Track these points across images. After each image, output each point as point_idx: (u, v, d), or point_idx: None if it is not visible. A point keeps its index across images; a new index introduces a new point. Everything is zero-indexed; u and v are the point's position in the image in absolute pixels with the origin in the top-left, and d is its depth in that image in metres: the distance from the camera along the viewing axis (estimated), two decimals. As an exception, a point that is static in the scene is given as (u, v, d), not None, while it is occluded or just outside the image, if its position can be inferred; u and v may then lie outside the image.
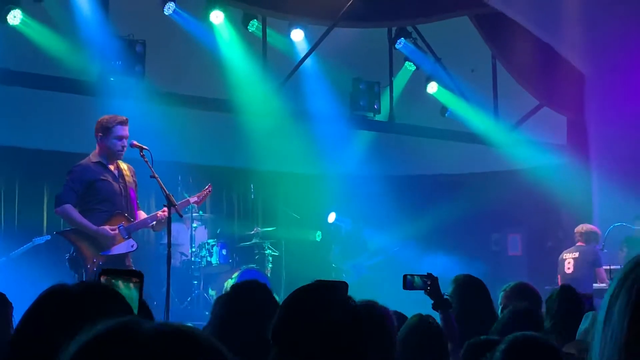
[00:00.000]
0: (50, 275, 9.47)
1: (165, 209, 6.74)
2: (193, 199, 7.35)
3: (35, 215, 11.07)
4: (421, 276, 4.59)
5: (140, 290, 1.99)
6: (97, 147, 6.96)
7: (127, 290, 2.01)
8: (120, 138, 6.88)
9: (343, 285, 2.67)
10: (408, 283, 4.59)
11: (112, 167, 6.94)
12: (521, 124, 12.68)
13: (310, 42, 11.18)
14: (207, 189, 7.43)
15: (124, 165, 7.08)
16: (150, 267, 10.45)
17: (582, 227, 10.10)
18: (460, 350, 4.05)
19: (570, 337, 4.30)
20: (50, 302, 1.93)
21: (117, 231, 6.82)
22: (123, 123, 6.90)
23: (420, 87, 12.30)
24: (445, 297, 4.65)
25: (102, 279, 2.03)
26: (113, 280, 2.02)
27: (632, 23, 11.69)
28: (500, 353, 2.75)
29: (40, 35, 9.21)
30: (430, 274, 4.61)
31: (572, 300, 4.74)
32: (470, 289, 5.05)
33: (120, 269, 2.01)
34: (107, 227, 6.79)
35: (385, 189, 13.20)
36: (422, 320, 3.96)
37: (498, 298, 5.35)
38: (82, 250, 6.74)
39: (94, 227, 6.75)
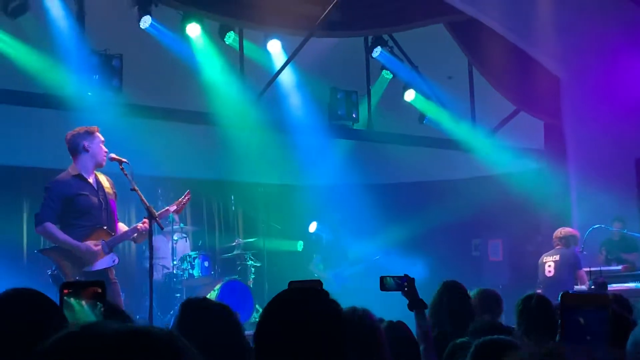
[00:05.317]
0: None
1: (146, 220, 6.74)
2: (172, 208, 7.31)
3: (15, 233, 11.01)
4: (398, 277, 4.69)
5: (100, 298, 2.03)
6: (75, 160, 6.90)
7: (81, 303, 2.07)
8: (103, 142, 6.91)
9: (316, 284, 2.72)
10: (385, 284, 4.68)
11: (90, 180, 6.90)
12: (499, 129, 12.76)
13: (287, 53, 11.21)
14: (185, 196, 7.40)
15: (102, 177, 7.03)
16: (133, 280, 10.43)
17: (560, 232, 10.16)
18: (433, 351, 4.13)
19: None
20: None
21: (99, 246, 6.78)
22: (99, 130, 6.95)
23: (397, 95, 12.35)
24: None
25: (66, 293, 2.08)
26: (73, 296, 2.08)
27: (604, 26, 11.82)
28: (469, 356, 2.84)
29: (17, 51, 9.19)
30: (407, 275, 4.71)
31: (548, 311, 4.85)
32: (455, 292, 5.24)
33: (82, 281, 2.10)
34: (89, 243, 6.75)
35: (365, 198, 13.23)
36: (392, 326, 4.01)
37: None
38: (63, 269, 6.67)
39: (77, 243, 6.69)
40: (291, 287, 2.71)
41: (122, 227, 7.19)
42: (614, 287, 9.09)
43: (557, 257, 9.93)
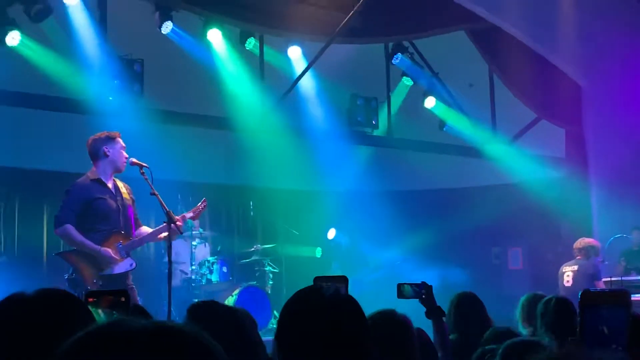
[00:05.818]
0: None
1: (180, 219, 6.77)
2: (189, 215, 7.30)
3: (35, 236, 11.06)
4: (416, 285, 4.64)
5: (124, 307, 2.06)
6: (95, 165, 6.93)
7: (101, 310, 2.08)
8: (124, 148, 6.93)
9: (342, 280, 2.71)
10: (403, 292, 4.63)
11: (109, 185, 6.92)
12: (519, 137, 12.70)
13: (308, 59, 11.22)
14: (202, 203, 7.39)
15: (120, 183, 7.06)
16: (151, 285, 10.44)
17: (579, 242, 10.07)
18: (450, 358, 4.13)
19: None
20: (8, 310, 1.95)
21: (117, 250, 6.79)
22: (120, 136, 6.97)
23: (417, 102, 12.32)
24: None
25: (90, 302, 2.09)
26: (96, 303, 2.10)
27: (626, 34, 11.75)
28: (498, 356, 2.88)
29: (39, 55, 9.23)
30: (425, 282, 4.67)
31: (568, 313, 4.85)
32: (466, 303, 5.26)
33: (106, 290, 2.12)
34: (107, 247, 6.76)
35: (384, 204, 13.20)
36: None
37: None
38: (81, 272, 6.67)
39: (96, 246, 6.70)
40: (316, 282, 2.70)
41: (146, 230, 7.19)
42: (634, 297, 9.01)
43: (575, 268, 9.86)
